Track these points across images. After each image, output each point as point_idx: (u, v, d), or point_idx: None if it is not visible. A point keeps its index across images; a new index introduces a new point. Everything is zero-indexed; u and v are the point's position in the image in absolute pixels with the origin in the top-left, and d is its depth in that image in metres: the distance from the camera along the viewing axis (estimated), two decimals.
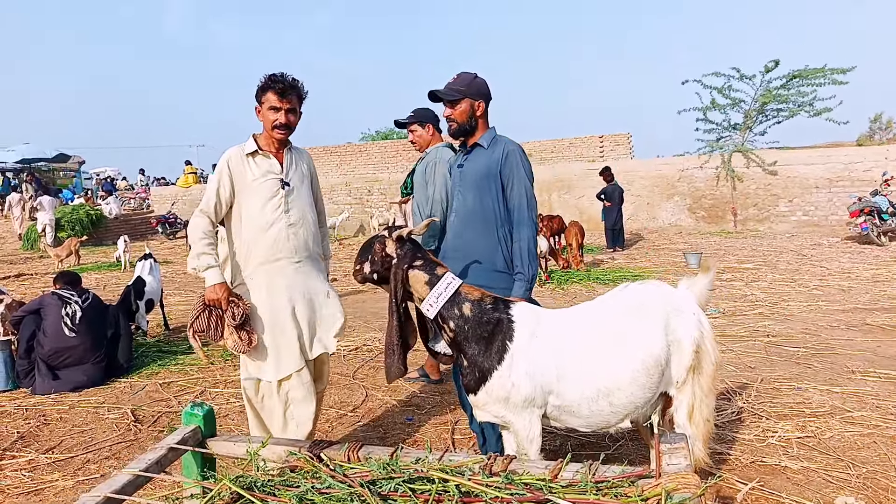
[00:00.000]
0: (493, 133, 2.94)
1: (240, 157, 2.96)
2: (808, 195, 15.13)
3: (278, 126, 2.93)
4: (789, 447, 3.36)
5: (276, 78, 2.91)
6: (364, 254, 2.54)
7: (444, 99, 2.87)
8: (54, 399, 4.67)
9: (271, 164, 2.98)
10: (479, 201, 2.85)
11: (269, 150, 3.00)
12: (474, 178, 2.87)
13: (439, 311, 2.38)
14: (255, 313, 2.91)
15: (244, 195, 2.95)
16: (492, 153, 2.86)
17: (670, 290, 2.52)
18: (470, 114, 2.87)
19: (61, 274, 5.52)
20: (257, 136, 3.04)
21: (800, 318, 6.35)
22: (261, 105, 2.95)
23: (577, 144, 21.87)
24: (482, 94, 2.90)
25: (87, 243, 15.87)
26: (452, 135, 2.97)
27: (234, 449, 2.04)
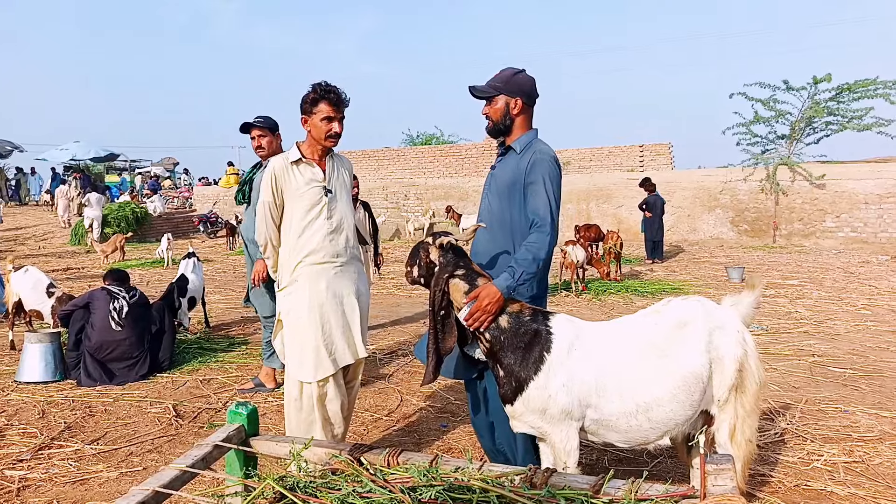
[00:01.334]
0: (531, 137, 2.77)
1: (284, 167, 3.03)
2: (857, 211, 14.71)
3: (332, 135, 3.00)
4: (836, 472, 3.26)
5: (328, 88, 2.97)
6: (413, 258, 2.57)
7: (481, 95, 2.79)
8: (99, 391, 4.80)
9: (315, 173, 3.05)
10: (504, 210, 2.73)
11: (312, 158, 3.07)
12: (501, 185, 2.75)
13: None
14: (297, 314, 2.98)
15: (290, 202, 3.04)
16: (521, 160, 2.69)
17: (714, 307, 2.48)
18: (505, 112, 2.74)
19: (111, 271, 5.70)
20: (300, 144, 3.11)
21: (847, 338, 6.17)
22: (310, 115, 3.00)
23: (617, 153, 21.67)
24: (521, 92, 2.74)
25: (132, 240, 16.31)
26: (489, 133, 2.86)
27: (277, 449, 2.08)
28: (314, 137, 3.04)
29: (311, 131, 3.03)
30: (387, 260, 14.09)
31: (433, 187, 20.05)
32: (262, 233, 3.10)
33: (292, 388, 3.02)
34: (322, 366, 2.98)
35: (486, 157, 21.48)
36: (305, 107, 3.01)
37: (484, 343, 2.42)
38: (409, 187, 20.56)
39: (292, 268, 3.03)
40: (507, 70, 2.79)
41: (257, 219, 3.14)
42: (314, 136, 3.03)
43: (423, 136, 32.03)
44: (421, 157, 23.98)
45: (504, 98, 2.73)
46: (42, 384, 4.99)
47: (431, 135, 32.19)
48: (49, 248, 16.70)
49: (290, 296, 3.03)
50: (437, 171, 23.02)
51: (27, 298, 6.08)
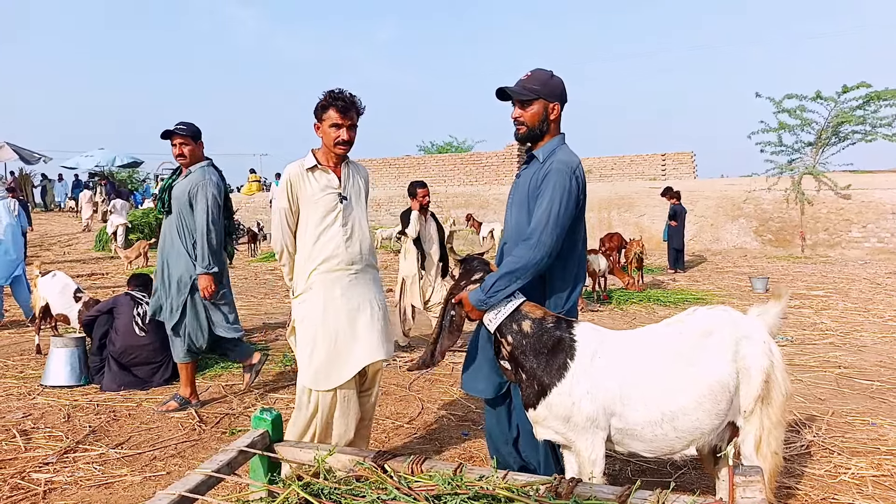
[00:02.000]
0: (555, 144, 2.66)
1: (300, 173, 3.03)
2: (884, 221, 14.46)
3: (341, 143, 2.99)
4: (863, 485, 3.20)
5: (337, 95, 2.97)
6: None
7: (514, 98, 2.64)
8: (123, 396, 4.86)
9: (330, 179, 3.05)
10: (522, 222, 2.64)
11: (327, 165, 3.07)
12: (521, 195, 2.68)
13: (499, 326, 2.42)
14: (311, 322, 2.98)
15: (305, 209, 3.04)
16: (542, 168, 2.59)
17: (740, 317, 2.45)
18: (542, 117, 2.61)
19: (134, 276, 5.77)
20: (316, 151, 3.11)
21: (873, 350, 6.06)
22: (321, 122, 3.01)
23: (639, 162, 21.58)
24: (557, 96, 2.63)
25: (155, 246, 16.50)
26: (520, 139, 2.70)
27: (301, 455, 2.08)
28: (326, 144, 3.05)
29: (323, 138, 3.04)
30: None
31: (453, 195, 20.07)
32: (278, 240, 3.10)
33: (301, 394, 3.01)
34: (333, 375, 2.96)
35: (506, 166, 21.47)
36: (317, 114, 3.02)
37: (505, 347, 2.43)
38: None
39: (307, 275, 3.02)
40: (540, 72, 2.65)
41: (273, 226, 3.14)
42: (325, 143, 3.04)
43: (437, 146, 32.15)
44: (441, 165, 24.03)
45: (542, 102, 2.60)
46: (67, 388, 5.06)
47: (448, 143, 32.31)
48: (74, 253, 16.96)
49: (305, 303, 3.02)
50: (457, 178, 23.05)
51: (54, 303, 6.17)
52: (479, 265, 2.57)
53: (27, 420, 4.28)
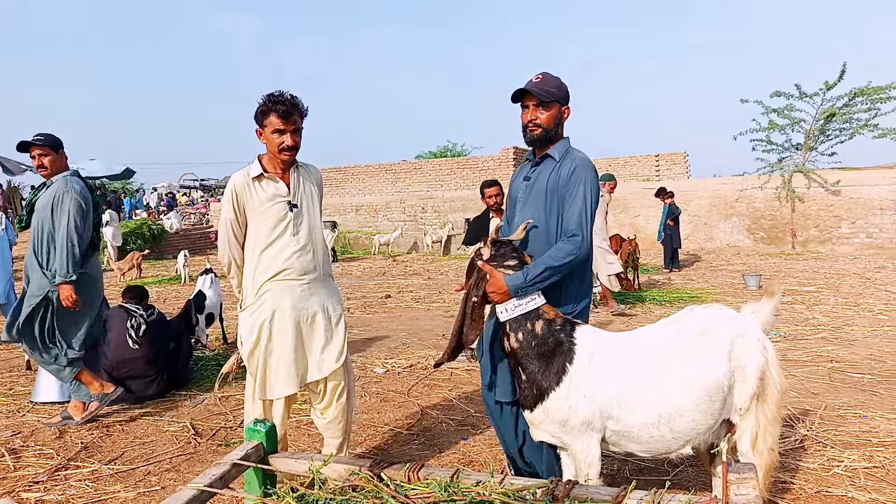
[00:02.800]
0: (567, 144, 2.76)
1: (245, 183, 2.90)
2: (873, 217, 14.56)
3: (285, 149, 2.86)
4: (856, 477, 3.22)
5: (277, 99, 2.83)
6: (470, 269, 2.59)
7: (535, 100, 2.67)
8: (116, 410, 4.82)
9: (278, 187, 2.93)
10: (543, 219, 2.67)
11: (274, 172, 2.94)
12: (539, 194, 2.70)
13: (511, 320, 2.41)
14: (257, 332, 2.90)
15: (253, 219, 2.92)
16: (560, 167, 2.67)
17: (735, 315, 2.46)
18: (557, 120, 2.70)
19: (129, 288, 5.73)
20: (262, 158, 2.97)
21: (864, 344, 6.09)
22: (262, 128, 2.87)
23: (633, 163, 21.66)
24: (568, 100, 2.74)
25: (149, 257, 16.47)
26: (532, 142, 2.75)
27: (296, 466, 2.08)
28: (270, 151, 2.92)
29: (266, 145, 2.91)
30: (405, 273, 14.13)
31: (451, 200, 20.07)
32: (226, 252, 2.98)
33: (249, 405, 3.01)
34: (275, 386, 2.91)
35: (503, 169, 21.46)
36: (258, 119, 2.88)
37: (512, 343, 2.42)
38: (426, 200, 20.60)
39: (258, 287, 2.92)
40: (550, 76, 2.72)
41: (219, 237, 3.02)
42: (269, 149, 2.91)
43: (435, 151, 32.23)
44: (438, 169, 24.04)
45: (557, 105, 2.69)
46: (58, 404, 5.02)
47: (445, 147, 32.38)
48: None
49: (253, 315, 2.92)
50: (454, 183, 23.05)
51: None
52: (512, 251, 2.52)
53: (16, 438, 4.22)
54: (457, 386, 5.19)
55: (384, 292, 10.96)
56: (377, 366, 5.88)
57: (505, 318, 2.42)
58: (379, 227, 21.08)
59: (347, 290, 11.43)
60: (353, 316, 8.83)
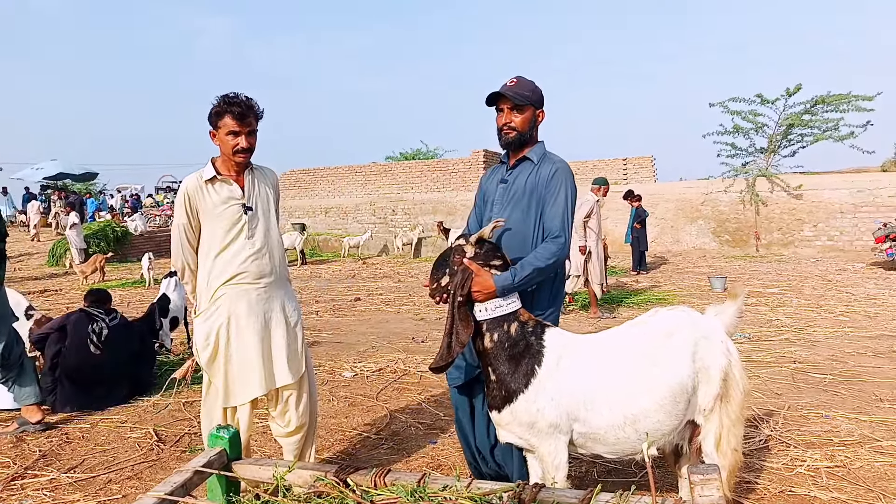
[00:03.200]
0: (543, 148, 2.80)
1: (198, 186, 2.85)
2: (833, 220, 14.96)
3: (240, 151, 2.82)
4: (818, 477, 3.29)
5: (232, 100, 2.79)
6: (440, 267, 2.46)
7: (510, 103, 2.70)
8: (77, 417, 4.70)
9: (232, 190, 2.88)
10: (521, 220, 2.69)
11: (228, 174, 2.89)
12: (518, 196, 2.73)
13: (489, 320, 2.38)
14: (214, 338, 2.86)
15: (206, 223, 2.87)
16: (539, 169, 2.72)
17: (699, 317, 2.49)
18: (532, 123, 2.74)
19: (91, 291, 5.59)
20: (216, 160, 2.93)
21: (826, 345, 6.24)
22: (217, 130, 2.83)
23: (601, 167, 21.88)
24: (542, 103, 2.78)
25: (112, 260, 16.11)
26: (507, 144, 2.78)
27: (260, 473, 2.04)
28: (223, 153, 2.87)
29: (221, 147, 2.86)
30: (375, 275, 14.07)
31: (421, 202, 20.06)
32: (179, 257, 2.92)
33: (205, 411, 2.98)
34: (234, 393, 2.87)
35: (473, 172, 21.51)
36: (211, 120, 2.83)
37: (486, 342, 2.39)
38: (396, 202, 20.55)
39: (212, 292, 2.87)
40: (525, 80, 2.75)
41: (172, 242, 2.95)
42: (223, 151, 2.87)
43: (406, 154, 32.17)
44: (409, 171, 23.98)
45: (531, 109, 2.73)
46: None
47: (417, 150, 32.34)
48: (25, 269, 16.42)
49: (208, 320, 2.87)
50: (424, 185, 23.02)
51: None
52: (497, 251, 2.48)
53: None
54: (426, 389, 5.17)
55: (354, 295, 10.89)
56: (346, 370, 5.83)
57: (483, 318, 2.39)
58: (349, 229, 20.97)
59: (316, 293, 11.34)
60: (321, 319, 8.75)
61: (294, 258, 16.83)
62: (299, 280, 13.34)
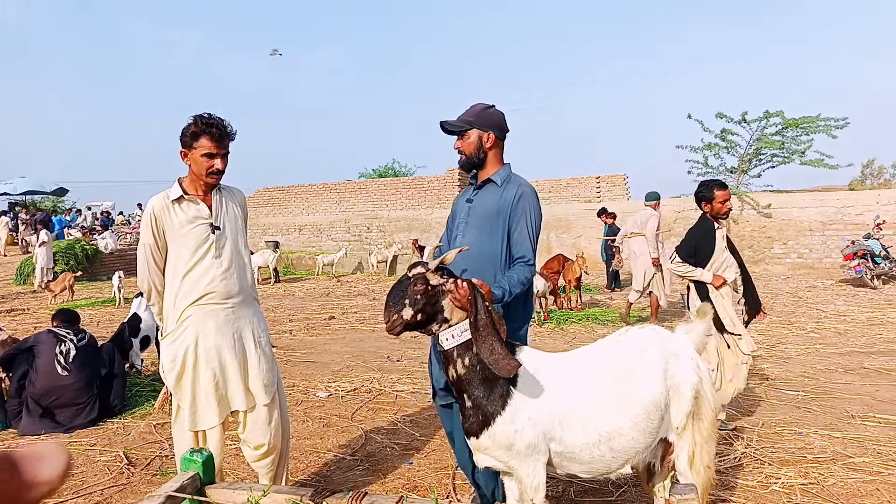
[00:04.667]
0: (508, 171, 2.85)
1: (164, 205, 2.83)
2: (803, 238, 15.26)
3: (214, 172, 2.82)
4: (792, 494, 3.33)
5: (210, 121, 2.79)
6: (399, 299, 2.29)
7: (451, 130, 2.82)
8: (44, 440, 4.59)
9: (199, 209, 2.86)
10: (485, 241, 2.75)
11: (196, 194, 2.88)
12: (482, 215, 2.78)
13: (457, 346, 2.30)
14: (181, 360, 2.82)
15: (173, 243, 2.84)
16: (503, 192, 2.76)
17: (668, 335, 2.52)
18: (478, 146, 2.79)
19: (60, 311, 5.49)
20: (182, 179, 2.91)
21: (798, 361, 6.34)
22: (190, 150, 2.80)
23: (574, 185, 22.10)
24: (493, 126, 2.81)
25: (82, 278, 15.83)
26: (462, 167, 2.89)
27: (235, 497, 2.01)
28: (195, 173, 2.85)
29: (192, 167, 2.84)
30: (349, 293, 13.98)
31: (396, 219, 20.03)
32: (145, 278, 2.89)
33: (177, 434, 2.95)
34: (205, 416, 2.83)
35: (448, 189, 21.59)
36: (185, 140, 2.80)
37: (458, 369, 2.31)
38: (371, 220, 20.50)
39: (179, 313, 2.84)
40: (477, 105, 2.83)
41: (138, 263, 2.92)
42: (195, 171, 2.84)
43: (379, 170, 32.20)
44: (383, 189, 23.96)
45: (477, 132, 2.78)
46: None
47: (388, 167, 32.38)
48: None
49: (175, 342, 2.84)
50: (399, 203, 23.02)
51: None
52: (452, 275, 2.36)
53: None
54: (402, 409, 5.14)
55: (328, 313, 10.81)
56: (320, 389, 5.77)
57: (450, 346, 2.31)
58: (323, 247, 20.84)
59: (290, 312, 11.23)
60: (295, 338, 8.67)
61: (268, 276, 16.68)
62: (273, 298, 13.22)
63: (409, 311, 2.26)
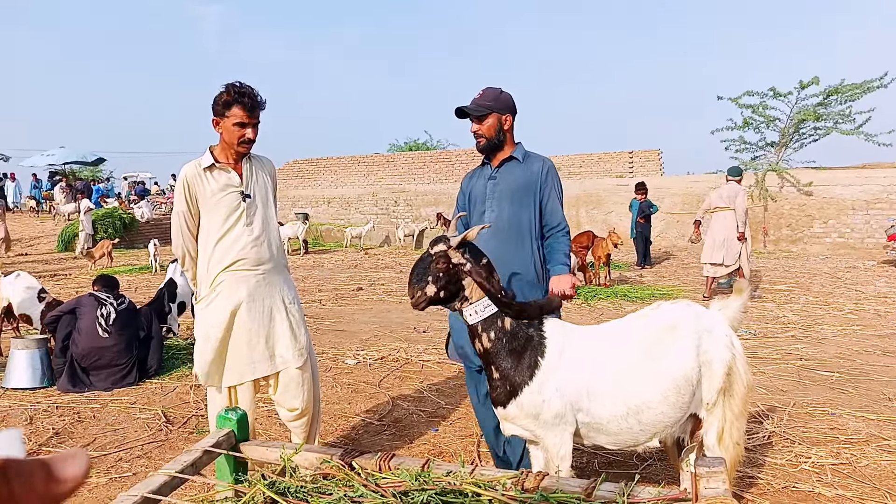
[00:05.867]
0: (524, 148, 3.01)
1: (196, 174, 2.86)
2: (845, 217, 14.83)
3: (245, 142, 2.86)
4: (823, 474, 3.29)
5: (242, 91, 2.81)
6: (422, 276, 2.35)
7: (470, 115, 2.94)
8: (88, 398, 4.76)
9: (230, 178, 2.90)
10: (514, 214, 2.90)
11: (227, 162, 2.91)
12: (511, 191, 2.92)
13: (482, 321, 2.35)
14: (215, 323, 2.89)
15: (205, 210, 2.89)
16: (529, 167, 2.93)
17: (702, 311, 2.50)
18: (497, 128, 2.93)
19: (100, 276, 5.65)
20: (213, 148, 2.94)
21: (833, 342, 6.22)
22: (222, 118, 2.83)
23: (607, 160, 21.77)
24: (509, 109, 2.96)
25: (119, 246, 16.21)
26: (481, 150, 3.04)
27: (267, 454, 2.06)
28: (226, 142, 2.88)
29: (223, 135, 2.87)
30: (377, 266, 14.09)
31: (423, 193, 20.04)
32: (179, 244, 2.94)
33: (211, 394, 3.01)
34: (232, 372, 2.89)
35: (475, 163, 21.15)
36: (217, 109, 2.83)
37: (484, 343, 2.37)
38: (398, 193, 20.53)
39: (212, 278, 2.89)
40: (490, 89, 2.96)
41: (172, 229, 2.98)
42: (226, 140, 2.88)
43: (409, 143, 32.09)
44: (411, 162, 23.95)
45: (495, 116, 2.92)
46: (30, 390, 4.94)
47: (422, 142, 32.26)
48: (35, 253, 16.54)
49: (209, 306, 2.90)
50: (426, 176, 23.00)
51: (17, 303, 6.03)
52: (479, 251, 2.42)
53: None
54: (427, 378, 5.20)
55: (356, 285, 10.92)
56: (348, 357, 5.86)
57: (475, 321, 2.35)
58: (351, 219, 20.98)
59: (319, 282, 11.37)
60: (324, 307, 8.79)
61: (297, 247, 16.87)
62: (302, 269, 13.39)
63: (432, 287, 2.31)
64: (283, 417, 3.13)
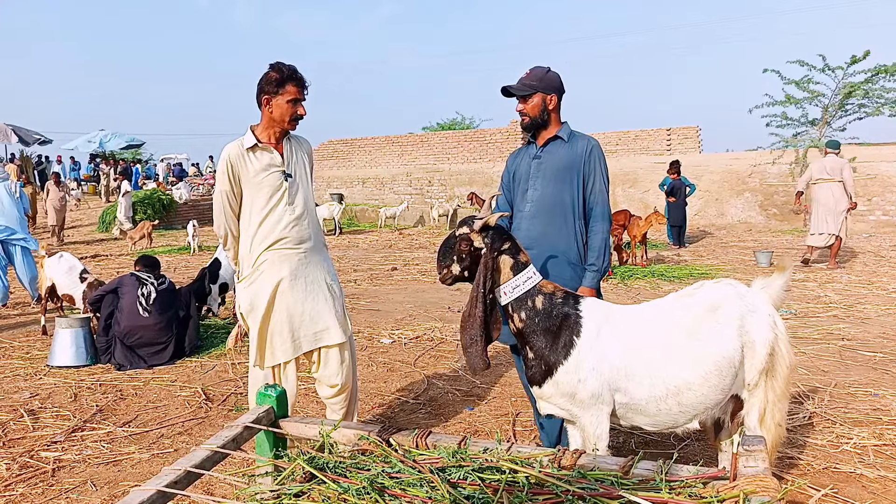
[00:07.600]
0: (569, 128, 2.99)
1: (239, 153, 2.89)
2: (890, 194, 14.37)
3: (297, 118, 2.91)
4: (865, 455, 3.22)
5: (293, 68, 2.87)
6: (448, 255, 2.43)
7: (516, 94, 2.92)
8: (129, 375, 4.90)
9: (272, 157, 2.92)
10: (557, 193, 2.90)
11: (268, 142, 2.94)
12: (555, 170, 2.92)
13: (512, 302, 2.36)
14: (258, 301, 2.92)
15: (248, 190, 2.91)
16: (573, 146, 2.93)
17: (745, 290, 2.44)
18: (542, 108, 2.92)
19: (142, 257, 5.79)
20: (255, 127, 2.97)
21: (877, 322, 6.06)
22: (275, 96, 2.85)
23: (644, 137, 21.35)
24: (554, 88, 2.93)
25: (158, 227, 16.55)
26: (525, 128, 3.03)
27: (306, 430, 2.09)
28: (275, 119, 2.90)
29: (274, 112, 2.88)
30: (411, 246, 14.15)
31: (457, 173, 19.98)
32: (221, 224, 2.98)
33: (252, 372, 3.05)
34: (277, 351, 2.93)
35: (510, 143, 21.27)
36: (269, 87, 2.85)
37: (516, 323, 2.38)
38: (433, 173, 20.50)
39: (255, 258, 2.93)
40: (537, 69, 2.95)
41: (214, 209, 3.00)
42: (276, 117, 2.89)
43: (443, 124, 31.96)
44: (445, 142, 23.83)
45: (540, 95, 2.91)
46: (73, 368, 5.10)
47: (453, 120, 32.11)
48: (77, 234, 17.00)
49: (252, 285, 2.93)
50: (461, 156, 22.88)
51: (60, 284, 6.21)
52: (502, 234, 2.43)
53: (34, 400, 4.32)
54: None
55: (390, 265, 10.99)
56: (384, 336, 5.91)
57: (506, 302, 2.38)
58: (385, 199, 21.04)
59: (354, 262, 11.47)
60: (359, 287, 8.87)
61: (332, 228, 17.01)
62: (337, 249, 13.51)
63: (456, 266, 2.42)
64: (323, 395, 3.17)
